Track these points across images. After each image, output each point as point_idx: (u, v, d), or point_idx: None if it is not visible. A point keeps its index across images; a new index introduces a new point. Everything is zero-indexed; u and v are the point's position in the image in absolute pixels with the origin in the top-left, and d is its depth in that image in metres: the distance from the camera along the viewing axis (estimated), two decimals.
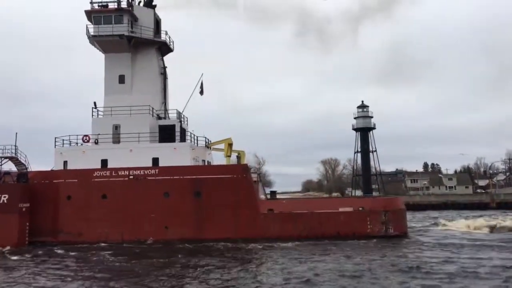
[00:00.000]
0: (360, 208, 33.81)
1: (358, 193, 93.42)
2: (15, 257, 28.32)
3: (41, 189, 34.78)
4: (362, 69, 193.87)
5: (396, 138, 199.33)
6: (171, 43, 42.14)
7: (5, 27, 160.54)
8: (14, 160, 36.43)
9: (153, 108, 38.01)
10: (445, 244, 29.68)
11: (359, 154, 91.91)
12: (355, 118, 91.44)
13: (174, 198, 33.94)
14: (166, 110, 40.64)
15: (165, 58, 42.03)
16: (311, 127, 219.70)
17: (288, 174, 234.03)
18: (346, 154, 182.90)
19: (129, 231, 33.80)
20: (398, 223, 33.94)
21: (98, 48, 39.87)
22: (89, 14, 38.93)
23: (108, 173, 34.73)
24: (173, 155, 35.57)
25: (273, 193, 43.26)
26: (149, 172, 34.56)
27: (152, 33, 39.98)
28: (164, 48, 41.63)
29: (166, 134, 37.76)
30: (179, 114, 40.36)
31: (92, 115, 37.71)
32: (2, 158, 35.75)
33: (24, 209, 33.62)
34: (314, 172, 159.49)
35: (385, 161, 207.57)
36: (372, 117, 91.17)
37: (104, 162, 35.87)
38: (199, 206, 33.87)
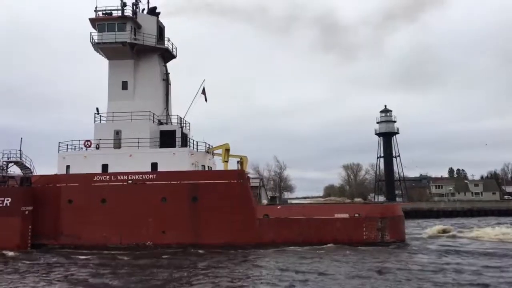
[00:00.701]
0: (356, 215, 33.42)
1: (381, 198, 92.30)
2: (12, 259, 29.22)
3: (44, 192, 35.71)
4: (386, 74, 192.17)
5: (420, 143, 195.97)
6: (174, 50, 42.75)
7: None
8: (19, 164, 37.51)
9: (153, 114, 38.56)
10: (437, 251, 29.25)
11: (382, 159, 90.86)
12: (378, 122, 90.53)
13: (171, 202, 34.32)
14: (168, 115, 41.15)
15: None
16: (334, 132, 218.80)
17: (310, 179, 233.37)
18: (369, 159, 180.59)
19: (128, 235, 34.32)
20: (394, 230, 33.41)
21: (102, 55, 40.76)
22: (93, 22, 39.87)
23: (107, 177, 35.40)
24: (172, 160, 35.97)
25: (273, 198, 43.09)
26: (148, 177, 35.06)
27: (155, 40, 40.62)
28: (167, 55, 42.23)
29: (167, 139, 38.25)
30: (180, 120, 40.84)
31: (95, 121, 38.58)
32: (8, 163, 36.82)
33: (27, 212, 34.59)
34: (336, 177, 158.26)
35: (409, 166, 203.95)
36: (395, 121, 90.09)
37: (104, 167, 36.58)
38: (196, 211, 34.14)
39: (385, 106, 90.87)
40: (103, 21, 39.65)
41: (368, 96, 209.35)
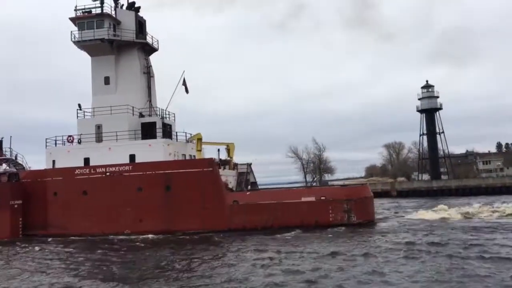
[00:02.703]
0: (323, 198, 33.86)
1: (425, 177, 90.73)
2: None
3: (32, 187, 38.03)
4: (427, 49, 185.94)
5: (466, 118, 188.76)
6: (155, 43, 43.93)
7: None
8: (11, 161, 39.94)
9: (133, 107, 39.95)
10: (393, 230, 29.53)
11: (425, 137, 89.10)
12: (419, 99, 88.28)
13: (146, 192, 35.80)
14: (151, 108, 42.46)
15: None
16: (374, 111, 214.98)
17: (350, 160, 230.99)
18: (411, 137, 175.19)
19: (108, 225, 36.12)
20: (361, 211, 33.67)
21: (85, 52, 42.38)
22: (73, 20, 41.46)
23: (87, 170, 37.26)
24: (148, 152, 37.35)
25: (254, 184, 43.84)
26: (124, 168, 36.64)
27: (133, 34, 41.80)
28: (148, 48, 43.39)
29: (148, 131, 39.67)
30: (161, 111, 42.14)
31: (78, 116, 40.38)
32: None
33: (16, 206, 37.03)
34: (377, 157, 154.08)
35: (454, 142, 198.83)
36: (438, 97, 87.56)
37: (86, 160, 38.44)
38: (170, 199, 35.48)
39: (427, 81, 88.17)
40: (82, 20, 41.15)
41: (409, 72, 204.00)
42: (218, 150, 43.06)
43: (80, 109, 40.47)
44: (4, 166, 46.07)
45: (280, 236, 29.82)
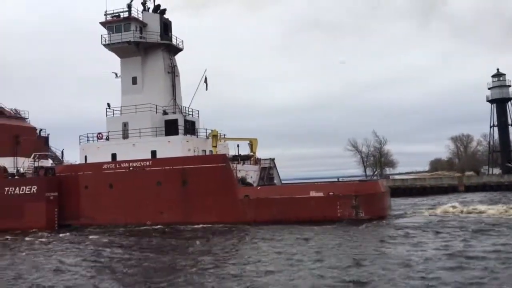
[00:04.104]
0: (331, 193, 34.24)
1: (496, 171, 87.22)
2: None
3: (67, 180, 41.37)
4: (497, 34, 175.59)
5: None
6: (180, 43, 45.94)
7: None
8: (49, 156, 43.58)
9: (156, 106, 42.14)
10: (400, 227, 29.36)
11: (495, 129, 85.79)
12: (489, 88, 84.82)
13: (165, 186, 37.90)
14: (175, 105, 44.50)
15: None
16: (439, 101, 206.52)
17: (413, 153, 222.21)
18: (480, 129, 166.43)
19: (131, 216, 38.64)
20: (370, 207, 33.70)
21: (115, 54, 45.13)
22: (103, 25, 44.28)
23: (113, 165, 39.94)
24: (168, 148, 39.43)
25: (271, 179, 44.71)
26: (145, 163, 38.94)
27: (158, 36, 43.97)
28: (173, 48, 45.47)
29: (170, 128, 41.79)
30: (184, 109, 44.10)
31: (107, 115, 43.22)
32: (36, 155, 43.06)
33: (51, 198, 40.45)
34: (443, 150, 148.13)
35: None
36: (510, 86, 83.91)
37: (113, 156, 41.16)
38: (186, 193, 37.35)
39: (498, 69, 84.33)
40: (111, 24, 43.87)
41: (477, 60, 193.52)
42: (238, 145, 44.40)
43: (109, 108, 43.33)
44: (50, 161, 50.34)
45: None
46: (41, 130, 53.87)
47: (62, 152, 52.83)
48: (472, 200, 49.03)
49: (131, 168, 39.25)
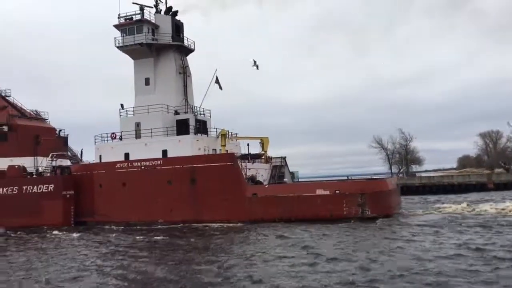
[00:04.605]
0: (337, 191, 34.41)
1: None
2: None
3: (82, 179, 42.67)
4: None
5: None
6: (191, 44, 46.74)
7: None
8: (67, 156, 45.01)
9: (167, 106, 43.00)
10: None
11: None
12: None
13: (175, 185, 38.71)
14: (187, 105, 45.30)
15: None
16: (466, 96, 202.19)
17: (440, 150, 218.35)
18: None
19: (143, 214, 39.63)
20: (376, 205, 33.74)
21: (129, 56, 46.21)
22: (117, 27, 45.39)
23: (126, 164, 41.01)
24: (178, 147, 40.26)
25: (281, 177, 44.98)
26: (156, 162, 39.84)
27: (170, 37, 44.84)
28: (184, 49, 46.29)
29: (182, 127, 42.62)
30: (196, 108, 44.86)
31: (120, 115, 44.32)
32: (54, 155, 44.56)
33: (68, 196, 41.83)
34: (471, 147, 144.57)
35: None
36: None
37: (126, 155, 42.24)
38: (195, 191, 38.09)
39: None
40: (124, 26, 44.95)
41: (505, 54, 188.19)
42: (248, 144, 44.93)
43: (123, 109, 44.41)
44: (68, 161, 51.90)
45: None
46: (60, 130, 55.62)
47: (81, 152, 54.39)
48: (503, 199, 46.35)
49: (142, 167, 40.22)
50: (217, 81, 45.03)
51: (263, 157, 45.91)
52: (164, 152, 40.93)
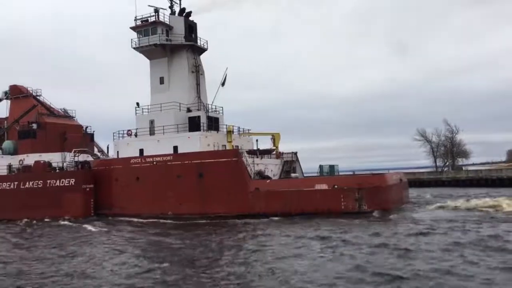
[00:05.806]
0: (335, 186, 35.13)
1: None
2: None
3: (101, 174, 45.30)
4: None
5: None
6: (204, 44, 48.46)
7: None
8: (89, 152, 47.84)
9: (180, 103, 44.86)
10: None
11: None
12: None
13: (184, 179, 40.53)
14: (199, 103, 47.02)
15: None
16: None
17: (489, 142, 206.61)
18: None
19: (155, 207, 41.71)
20: (374, 200, 34.23)
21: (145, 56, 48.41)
22: (134, 29, 47.66)
23: (139, 160, 43.21)
24: (188, 143, 42.05)
25: (288, 172, 45.89)
26: (167, 158, 41.78)
27: (183, 38, 46.66)
28: (199, 49, 48.05)
29: (194, 124, 44.43)
30: (208, 106, 46.53)
31: (136, 113, 46.58)
32: (76, 151, 47.47)
33: (88, 189, 44.53)
34: None
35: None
36: None
37: (141, 151, 44.48)
38: (202, 186, 39.76)
39: None
40: (140, 28, 47.16)
41: None
42: (257, 140, 46.15)
43: (138, 107, 46.67)
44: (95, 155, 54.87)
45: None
46: (87, 127, 58.84)
47: (108, 148, 57.32)
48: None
49: (154, 163, 42.27)
50: (224, 80, 46.49)
51: (274, 152, 47.04)
52: (175, 148, 42.84)
